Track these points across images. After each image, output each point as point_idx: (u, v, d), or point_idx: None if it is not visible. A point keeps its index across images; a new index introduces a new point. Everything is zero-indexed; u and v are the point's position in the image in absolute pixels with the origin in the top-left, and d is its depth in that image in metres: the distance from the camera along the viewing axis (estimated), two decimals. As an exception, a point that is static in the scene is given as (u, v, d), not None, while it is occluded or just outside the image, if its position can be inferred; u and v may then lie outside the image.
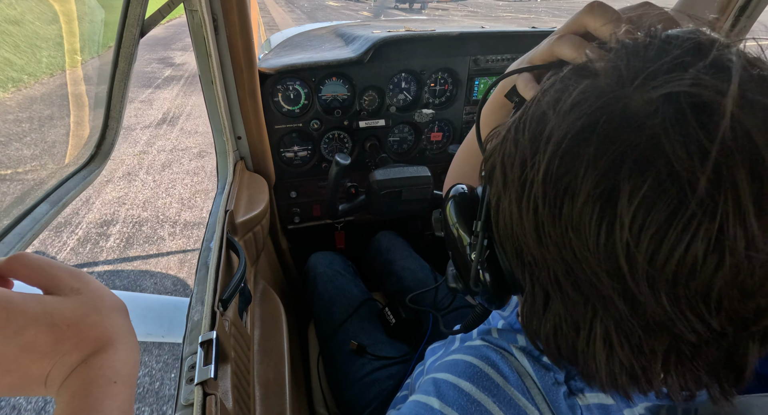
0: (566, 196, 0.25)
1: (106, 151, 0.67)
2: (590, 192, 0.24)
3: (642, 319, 0.25)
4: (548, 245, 0.27)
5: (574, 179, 0.24)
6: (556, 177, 0.25)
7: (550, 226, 0.26)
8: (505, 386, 0.36)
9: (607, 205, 0.23)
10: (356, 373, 0.85)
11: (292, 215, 1.31)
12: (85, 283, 0.32)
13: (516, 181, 0.29)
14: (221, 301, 0.59)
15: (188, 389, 0.47)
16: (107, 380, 0.29)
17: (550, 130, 0.26)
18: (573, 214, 0.25)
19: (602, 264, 0.24)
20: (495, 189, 0.32)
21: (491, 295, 0.37)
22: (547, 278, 0.29)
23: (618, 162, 0.23)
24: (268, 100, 1.09)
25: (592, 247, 0.24)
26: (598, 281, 0.25)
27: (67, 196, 0.55)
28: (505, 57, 1.21)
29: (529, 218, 0.28)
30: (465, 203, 0.39)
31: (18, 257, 0.31)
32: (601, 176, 0.23)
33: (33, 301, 0.28)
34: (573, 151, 0.24)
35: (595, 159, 0.23)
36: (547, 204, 0.26)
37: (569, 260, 0.26)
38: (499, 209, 0.32)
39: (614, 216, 0.23)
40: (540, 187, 0.26)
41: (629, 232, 0.22)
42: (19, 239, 0.44)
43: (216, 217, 0.77)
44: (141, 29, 0.67)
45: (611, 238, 0.23)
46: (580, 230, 0.25)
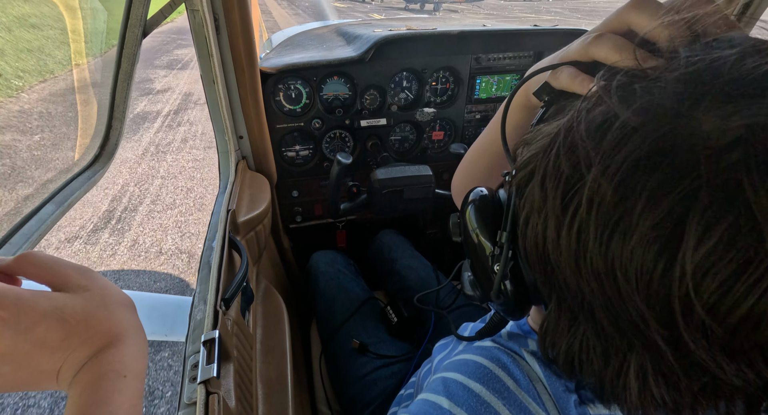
0: (617, 231, 0.22)
1: (110, 152, 0.67)
2: (648, 232, 0.21)
3: (685, 361, 0.23)
4: (588, 277, 0.25)
5: (629, 214, 0.22)
6: (608, 207, 0.22)
7: (593, 258, 0.24)
8: (516, 390, 0.35)
9: (666, 248, 0.21)
10: (358, 371, 0.86)
11: (294, 214, 1.31)
12: (93, 280, 0.32)
13: (557, 202, 0.26)
14: (224, 300, 0.59)
15: (191, 387, 0.48)
16: (117, 374, 0.29)
17: (606, 151, 0.22)
18: (624, 252, 0.22)
19: (652, 306, 0.22)
20: (527, 203, 0.29)
21: (511, 306, 0.35)
22: (579, 306, 0.27)
23: (686, 201, 0.20)
24: (269, 99, 1.09)
25: (642, 287, 0.22)
26: (642, 322, 0.23)
27: (73, 197, 0.56)
28: (507, 55, 1.21)
29: (569, 246, 0.25)
30: (487, 209, 0.36)
31: (26, 256, 0.31)
32: (664, 216, 0.20)
33: (43, 297, 0.29)
34: (631, 180, 0.21)
35: (657, 194, 0.21)
36: (592, 235, 0.23)
37: (610, 295, 0.24)
38: (529, 224, 0.29)
39: (674, 260, 0.21)
40: (586, 215, 0.23)
41: (692, 279, 0.20)
42: (26, 239, 0.45)
43: (218, 216, 0.78)
44: (143, 29, 0.67)
45: (667, 280, 0.21)
46: (630, 270, 0.22)
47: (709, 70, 0.21)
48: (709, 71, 0.21)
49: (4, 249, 0.43)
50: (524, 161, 0.30)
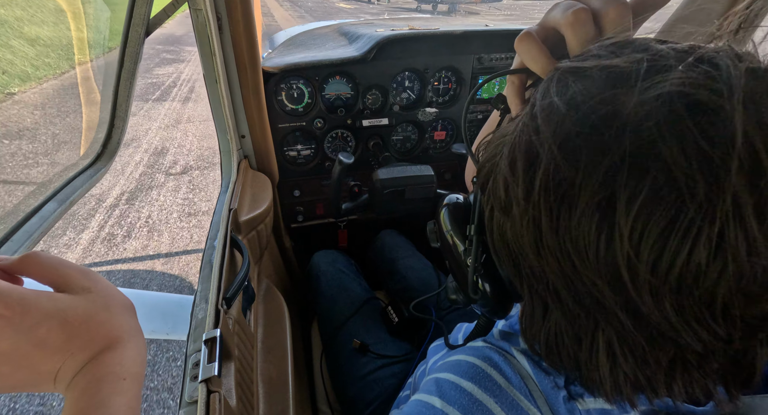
0: (563, 206, 0.24)
1: (112, 150, 0.68)
2: (588, 201, 0.23)
3: (646, 330, 0.25)
4: (547, 257, 0.26)
5: (571, 188, 0.23)
6: (554, 186, 0.24)
7: (548, 237, 0.25)
8: (507, 388, 0.36)
9: (605, 215, 0.22)
10: (359, 371, 0.86)
11: (296, 213, 1.31)
12: (95, 282, 0.32)
13: (518, 190, 0.27)
14: (225, 299, 0.59)
15: (192, 386, 0.48)
16: (116, 376, 0.29)
17: (546, 137, 0.25)
18: (571, 225, 0.24)
19: (603, 276, 0.24)
20: (491, 198, 0.31)
21: (492, 304, 0.36)
22: (546, 290, 0.29)
23: (614, 169, 0.22)
24: (271, 98, 1.09)
25: (592, 258, 0.24)
26: (599, 293, 0.25)
27: (74, 195, 0.56)
28: (510, 55, 1.21)
29: (529, 230, 0.27)
30: (458, 210, 0.38)
31: (30, 256, 0.31)
32: (598, 185, 0.22)
33: (46, 298, 0.29)
34: (569, 158, 0.23)
35: (591, 167, 0.23)
36: (545, 215, 0.25)
37: (569, 272, 0.26)
38: (494, 218, 0.31)
39: (613, 225, 0.22)
40: (537, 197, 0.25)
41: (629, 242, 0.22)
42: (28, 237, 0.45)
43: (220, 215, 0.78)
44: (146, 28, 0.67)
45: (611, 248, 0.23)
46: (579, 241, 0.24)
47: (623, 58, 0.25)
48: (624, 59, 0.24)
49: (6, 246, 0.43)
50: (483, 161, 0.32)
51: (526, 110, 0.29)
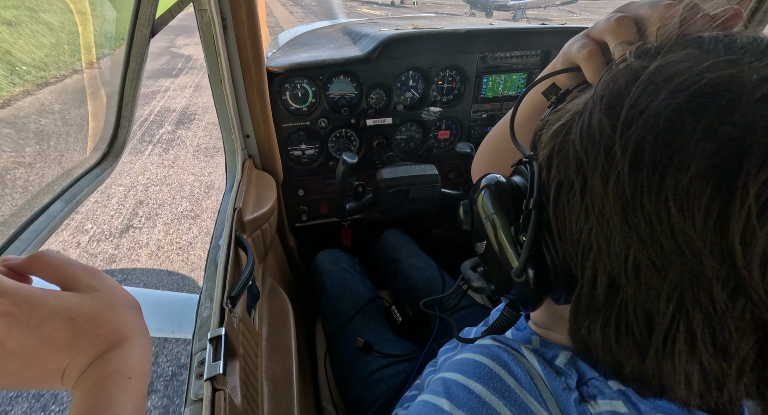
0: (671, 166, 0.22)
1: (118, 150, 0.68)
2: (705, 162, 0.21)
3: (739, 312, 0.23)
4: (638, 224, 0.24)
5: (685, 146, 0.22)
6: (662, 143, 0.23)
7: (645, 200, 0.24)
8: (516, 389, 0.35)
9: (726, 176, 0.21)
10: (363, 370, 0.86)
11: (300, 212, 1.31)
12: (102, 281, 0.33)
13: (601, 151, 0.26)
14: (230, 298, 0.59)
15: (198, 384, 0.48)
16: (122, 375, 0.30)
17: (649, 98, 0.24)
18: (679, 186, 0.22)
19: (709, 244, 0.22)
20: (559, 171, 0.30)
21: (530, 292, 0.34)
22: (622, 265, 0.26)
23: (742, 132, 0.20)
24: (276, 98, 1.09)
25: (700, 223, 0.22)
26: (698, 262, 0.23)
27: (81, 195, 0.57)
28: (514, 54, 1.20)
29: (617, 192, 0.25)
30: (504, 191, 0.36)
31: (38, 256, 0.32)
32: (722, 143, 0.21)
33: (53, 296, 0.29)
34: (683, 119, 0.22)
35: (714, 123, 0.21)
36: (646, 174, 0.23)
37: (662, 241, 0.23)
38: (561, 190, 0.30)
39: (734, 188, 0.20)
40: (635, 157, 0.24)
41: (754, 204, 0.20)
42: (35, 236, 0.46)
43: (225, 214, 0.78)
44: (152, 29, 0.67)
45: (728, 212, 0.21)
46: (687, 205, 0.22)
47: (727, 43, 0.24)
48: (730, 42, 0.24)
49: (15, 245, 0.43)
50: (549, 137, 0.32)
51: (604, 77, 0.28)
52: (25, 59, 1.47)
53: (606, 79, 0.28)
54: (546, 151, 0.32)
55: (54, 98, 1.51)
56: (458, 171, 1.38)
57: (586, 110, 0.28)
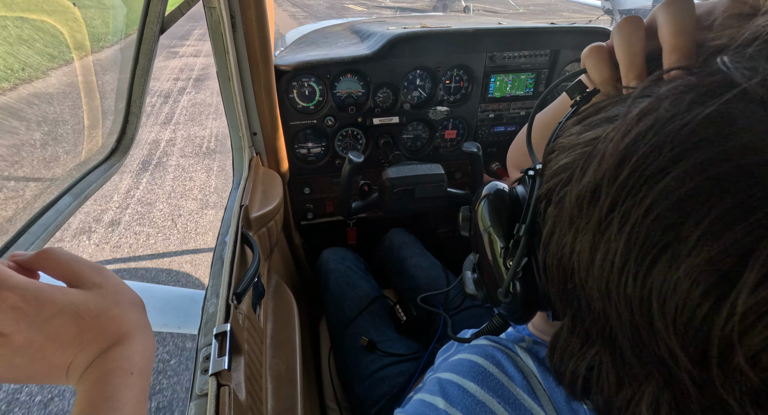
0: (662, 258, 0.20)
1: (126, 146, 0.69)
2: (700, 265, 0.19)
3: (708, 403, 0.21)
4: (618, 303, 0.23)
5: (682, 241, 0.19)
6: (657, 230, 0.20)
7: (629, 284, 0.22)
8: (510, 387, 0.35)
9: (719, 285, 0.18)
10: (366, 369, 0.86)
11: (306, 210, 1.32)
12: (107, 278, 0.33)
13: (595, 218, 0.23)
14: (235, 294, 0.60)
15: (203, 379, 0.48)
16: (125, 371, 0.30)
17: (663, 164, 0.20)
18: (666, 282, 0.20)
19: (686, 347, 0.20)
20: (557, 212, 0.27)
21: (518, 310, 0.34)
22: (600, 330, 0.26)
23: (755, 235, 0.17)
24: (283, 96, 1.10)
25: (680, 325, 0.20)
26: (671, 358, 0.21)
27: (89, 189, 0.57)
28: (522, 54, 1.19)
29: (603, 267, 0.23)
30: (503, 204, 0.34)
31: (46, 252, 0.32)
32: (724, 248, 0.18)
33: (60, 293, 0.30)
34: (692, 201, 0.19)
35: (722, 223, 0.18)
36: (633, 258, 0.21)
37: (640, 327, 0.22)
38: (554, 234, 0.28)
39: (724, 299, 0.18)
40: (628, 236, 0.21)
41: (739, 322, 0.18)
42: (44, 230, 0.46)
43: (231, 211, 0.79)
44: (161, 26, 0.68)
45: (710, 322, 0.19)
46: (669, 303, 0.20)
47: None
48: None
49: (23, 239, 0.44)
50: (560, 167, 0.28)
51: (627, 115, 0.23)
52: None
53: (629, 118, 0.23)
54: (556, 180, 0.28)
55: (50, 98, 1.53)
56: (464, 171, 1.38)
57: (598, 153, 0.24)
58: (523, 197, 0.34)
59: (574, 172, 0.26)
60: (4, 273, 0.28)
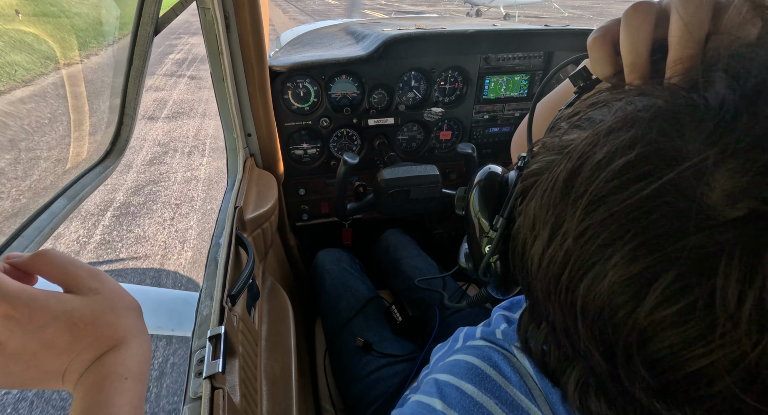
0: (589, 273, 0.23)
1: (120, 148, 0.68)
2: (616, 284, 0.21)
3: (623, 389, 0.24)
4: (554, 302, 0.26)
5: (605, 261, 0.22)
6: (587, 248, 0.22)
7: (562, 290, 0.25)
8: (507, 388, 0.36)
9: (628, 302, 0.21)
10: (362, 370, 0.86)
11: (301, 212, 1.32)
12: (103, 283, 0.33)
13: (548, 226, 0.26)
14: (230, 296, 0.60)
15: (197, 382, 0.48)
16: (119, 376, 0.30)
17: (599, 188, 0.22)
18: (589, 294, 0.23)
19: (600, 347, 0.24)
20: (526, 210, 0.29)
21: (498, 284, 0.38)
22: (545, 317, 0.29)
23: (661, 266, 0.20)
24: (278, 97, 1.10)
25: (596, 330, 0.23)
26: (590, 355, 0.25)
27: (84, 192, 0.57)
28: (517, 55, 1.20)
29: (547, 270, 0.26)
30: (492, 190, 0.37)
31: (42, 255, 0.32)
32: (636, 273, 0.21)
33: (54, 299, 0.30)
34: (617, 227, 0.21)
35: (636, 251, 0.20)
36: (568, 269, 0.24)
37: (569, 324, 0.25)
38: (520, 231, 0.30)
39: (630, 314, 0.21)
40: (566, 250, 0.24)
41: (638, 335, 0.21)
42: (38, 233, 0.46)
43: (225, 213, 0.78)
44: (155, 27, 0.68)
45: (618, 331, 0.22)
46: (589, 311, 0.23)
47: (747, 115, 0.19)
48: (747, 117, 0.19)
49: (18, 242, 0.44)
50: (533, 170, 0.29)
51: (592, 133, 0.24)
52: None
53: (586, 137, 0.25)
54: (531, 180, 0.30)
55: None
56: (459, 172, 1.38)
57: (553, 171, 0.26)
58: (511, 183, 0.36)
59: (543, 178, 0.27)
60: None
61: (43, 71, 1.24)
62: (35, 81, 1.40)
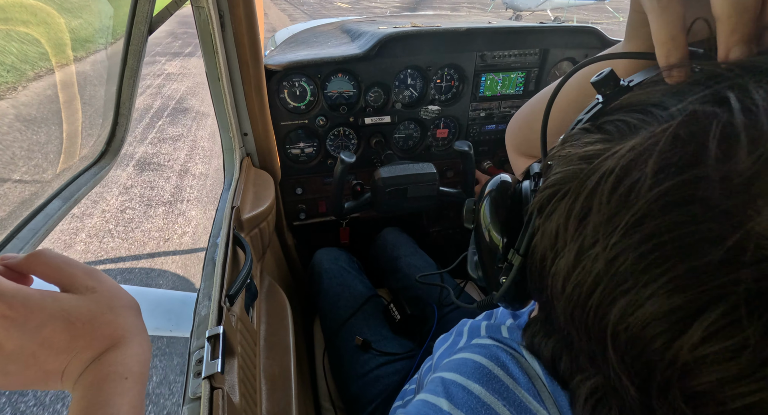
0: (622, 300, 0.21)
1: (116, 148, 0.68)
2: (655, 315, 0.20)
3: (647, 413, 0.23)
4: (578, 325, 0.25)
5: (642, 289, 0.20)
6: (622, 275, 0.21)
7: (590, 313, 0.23)
8: (515, 389, 0.35)
9: (667, 333, 0.20)
10: (361, 368, 0.86)
11: (298, 211, 1.31)
12: (100, 282, 0.33)
13: (575, 248, 0.24)
14: (228, 296, 0.59)
15: (196, 382, 0.48)
16: (119, 375, 0.30)
17: (638, 213, 0.20)
18: (621, 322, 0.21)
19: (633, 377, 0.22)
20: (546, 224, 0.27)
21: (510, 301, 0.36)
22: (562, 335, 0.28)
23: (707, 299, 0.18)
24: (274, 96, 1.09)
25: (628, 359, 0.22)
26: (619, 381, 0.23)
27: (79, 193, 0.56)
28: (513, 52, 1.20)
29: (573, 292, 0.24)
30: (503, 204, 0.35)
31: (37, 255, 0.32)
32: (678, 306, 0.19)
33: (51, 299, 0.30)
34: (657, 255, 0.20)
35: (680, 282, 0.19)
36: (598, 293, 0.22)
37: (595, 349, 0.24)
38: (538, 246, 0.28)
39: (670, 345, 0.20)
40: (597, 275, 0.22)
41: (680, 368, 0.20)
42: (33, 235, 0.45)
43: (223, 213, 0.78)
44: (149, 26, 0.67)
45: (656, 362, 0.21)
46: (621, 339, 0.22)
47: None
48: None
49: (12, 244, 0.43)
50: (552, 181, 0.27)
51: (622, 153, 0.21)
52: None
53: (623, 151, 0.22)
54: (549, 192, 0.27)
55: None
56: (456, 169, 1.38)
57: (589, 178, 0.23)
58: (525, 195, 0.34)
59: (565, 191, 0.25)
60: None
61: (33, 72, 1.23)
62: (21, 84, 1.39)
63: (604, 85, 0.27)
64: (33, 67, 1.10)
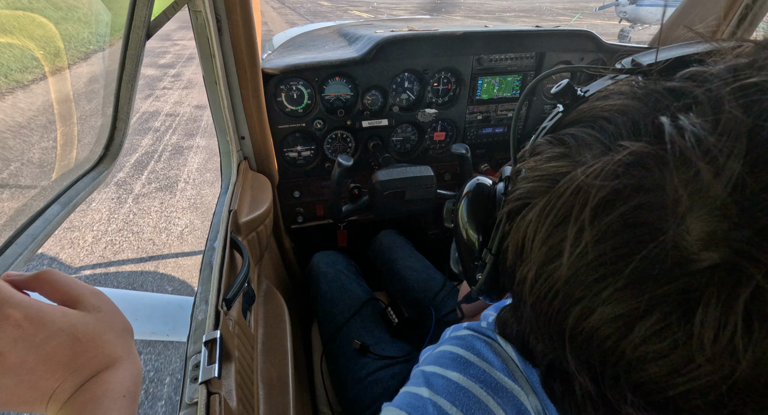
0: (578, 306, 0.24)
1: (114, 153, 0.68)
2: (604, 319, 0.23)
3: (601, 402, 0.27)
4: (542, 330, 0.27)
5: (594, 297, 0.23)
6: (578, 283, 0.24)
7: (552, 317, 0.26)
8: (491, 372, 0.38)
9: (615, 334, 0.23)
10: (359, 372, 0.86)
11: (296, 214, 1.31)
12: (104, 302, 0.34)
13: (541, 254, 0.26)
14: (225, 300, 0.59)
15: (192, 388, 0.48)
16: (117, 393, 0.31)
17: (595, 230, 0.22)
18: (577, 325, 0.24)
19: (586, 372, 0.26)
20: (515, 232, 0.29)
21: (489, 293, 0.39)
22: (528, 319, 0.30)
23: (644, 307, 0.21)
24: (271, 100, 1.09)
25: (583, 354, 0.25)
26: (577, 374, 0.27)
27: (78, 197, 0.56)
28: (509, 56, 1.21)
29: (540, 295, 0.26)
30: (479, 204, 0.38)
31: (44, 274, 0.33)
32: (624, 312, 0.22)
33: (60, 313, 0.30)
34: (604, 267, 0.22)
35: (623, 292, 0.22)
36: (559, 300, 0.25)
37: (556, 346, 0.27)
38: (507, 251, 0.31)
39: (618, 343, 0.23)
40: (557, 286, 0.25)
41: (624, 366, 0.23)
42: (32, 240, 0.45)
43: (220, 217, 0.78)
44: (147, 31, 0.67)
45: (604, 360, 0.24)
46: (577, 340, 0.25)
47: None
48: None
49: (11, 249, 0.43)
50: (518, 195, 0.29)
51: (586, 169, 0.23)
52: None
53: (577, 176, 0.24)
54: (516, 204, 0.29)
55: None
56: (454, 172, 1.39)
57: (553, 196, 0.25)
58: (500, 196, 0.37)
59: (532, 206, 0.27)
60: (7, 291, 0.28)
61: (28, 77, 1.23)
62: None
63: (563, 95, 0.30)
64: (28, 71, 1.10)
